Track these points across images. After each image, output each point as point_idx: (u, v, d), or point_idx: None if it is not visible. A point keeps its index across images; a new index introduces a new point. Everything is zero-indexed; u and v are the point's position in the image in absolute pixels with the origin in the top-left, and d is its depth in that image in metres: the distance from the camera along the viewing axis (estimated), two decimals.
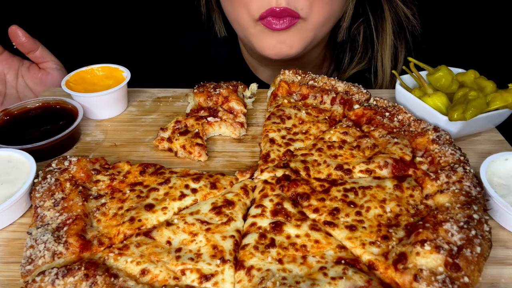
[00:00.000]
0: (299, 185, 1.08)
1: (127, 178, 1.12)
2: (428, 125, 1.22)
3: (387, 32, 1.70)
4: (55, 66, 1.63)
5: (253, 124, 1.43)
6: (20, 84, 1.61)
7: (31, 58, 1.61)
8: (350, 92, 1.42)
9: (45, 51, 1.60)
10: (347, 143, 1.22)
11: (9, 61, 1.58)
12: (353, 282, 0.83)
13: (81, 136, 1.37)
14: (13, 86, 1.61)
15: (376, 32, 1.71)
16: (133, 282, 0.85)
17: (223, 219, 1.00)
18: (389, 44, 1.71)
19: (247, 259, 0.90)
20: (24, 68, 1.61)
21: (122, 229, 0.97)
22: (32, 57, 1.60)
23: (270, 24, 1.49)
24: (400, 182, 1.07)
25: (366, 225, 0.97)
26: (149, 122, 1.44)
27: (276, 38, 1.54)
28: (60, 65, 1.65)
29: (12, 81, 1.60)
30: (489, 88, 1.27)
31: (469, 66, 1.39)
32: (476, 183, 1.03)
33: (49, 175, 1.08)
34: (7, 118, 1.33)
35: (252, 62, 1.95)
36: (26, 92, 1.61)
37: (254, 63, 1.94)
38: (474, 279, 0.83)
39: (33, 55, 1.59)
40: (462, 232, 0.88)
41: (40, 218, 0.99)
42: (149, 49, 2.07)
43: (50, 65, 1.62)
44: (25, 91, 1.61)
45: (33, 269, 0.88)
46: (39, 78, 1.61)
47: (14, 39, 1.52)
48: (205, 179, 1.11)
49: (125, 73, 1.48)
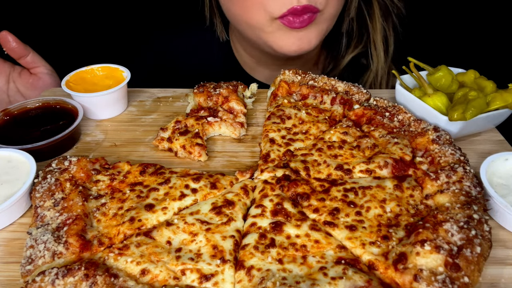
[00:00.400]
0: (299, 185, 1.08)
1: (127, 178, 1.12)
2: (428, 125, 1.22)
3: (376, 15, 1.76)
4: (46, 71, 1.64)
5: (253, 124, 1.43)
6: (11, 89, 1.62)
7: (22, 64, 1.62)
8: (350, 92, 1.42)
9: (36, 56, 1.61)
10: (347, 143, 1.22)
11: (0, 67, 1.59)
12: (353, 282, 0.83)
13: (81, 136, 1.37)
14: (4, 91, 1.62)
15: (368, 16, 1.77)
16: (133, 282, 0.85)
17: (223, 219, 1.00)
18: (379, 28, 1.77)
19: (247, 259, 0.90)
20: (15, 73, 1.63)
21: (122, 229, 0.97)
22: (23, 62, 1.61)
23: (291, 23, 1.50)
24: (400, 182, 1.07)
25: (366, 225, 0.97)
26: (149, 122, 1.44)
27: (294, 35, 1.55)
28: (51, 70, 1.66)
29: (3, 86, 1.61)
30: (489, 88, 1.27)
31: (469, 66, 1.39)
32: (476, 183, 1.03)
33: (49, 175, 1.08)
34: (7, 118, 1.33)
35: (250, 63, 1.95)
36: (17, 97, 1.62)
37: (252, 64, 1.94)
38: (474, 279, 0.83)
39: (24, 61, 1.60)
40: (462, 232, 0.88)
41: (40, 218, 0.99)
42: (147, 49, 2.07)
43: (41, 70, 1.63)
44: (16, 96, 1.62)
45: (33, 269, 0.88)
46: (30, 83, 1.62)
47: (4, 45, 1.53)
48: (205, 179, 1.11)
49: (125, 73, 1.48)
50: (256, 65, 1.93)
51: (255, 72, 1.95)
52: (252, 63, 1.94)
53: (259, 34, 1.61)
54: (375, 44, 1.79)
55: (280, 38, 1.57)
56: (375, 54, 1.80)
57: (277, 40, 1.58)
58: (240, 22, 1.66)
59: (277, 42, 1.58)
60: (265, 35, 1.59)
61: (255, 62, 1.92)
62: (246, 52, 1.91)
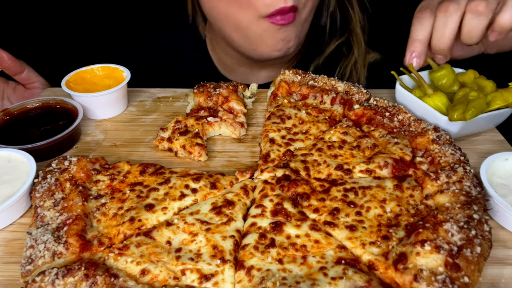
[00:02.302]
0: (299, 185, 1.07)
1: (127, 178, 1.12)
2: (428, 125, 1.22)
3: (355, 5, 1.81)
4: (41, 86, 1.65)
5: (253, 124, 1.43)
6: (5, 105, 1.63)
7: (18, 80, 1.62)
8: (350, 92, 1.42)
9: (31, 72, 1.62)
10: (347, 143, 1.22)
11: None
12: (353, 282, 0.83)
13: (81, 136, 1.37)
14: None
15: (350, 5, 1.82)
16: (133, 282, 0.85)
17: (223, 219, 1.00)
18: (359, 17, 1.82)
19: (247, 259, 0.90)
20: (10, 89, 1.64)
21: (122, 229, 0.97)
22: (18, 78, 1.62)
23: (277, 21, 1.54)
24: (400, 182, 1.07)
25: (366, 225, 0.97)
26: (149, 122, 1.44)
27: (277, 37, 1.60)
28: (47, 85, 1.67)
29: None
30: (488, 88, 1.27)
31: (469, 66, 1.39)
32: (476, 183, 1.03)
33: (49, 175, 1.08)
34: (7, 118, 1.33)
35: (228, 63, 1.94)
36: None
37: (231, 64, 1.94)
38: (474, 279, 0.83)
39: (19, 77, 1.61)
40: (462, 232, 0.88)
41: (40, 218, 0.99)
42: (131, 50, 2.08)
43: (36, 85, 1.64)
44: None
45: (33, 269, 0.88)
46: (25, 99, 1.62)
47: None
48: (205, 179, 1.11)
49: (125, 73, 1.48)
50: (235, 65, 1.93)
51: (233, 72, 1.96)
52: (230, 63, 1.94)
53: (248, 34, 1.63)
54: (355, 33, 1.84)
55: (265, 40, 1.61)
56: (356, 41, 1.85)
57: (263, 43, 1.62)
58: (225, 21, 1.66)
59: (263, 45, 1.63)
60: (252, 36, 1.62)
61: (234, 63, 1.93)
62: (224, 52, 1.91)
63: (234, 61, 1.91)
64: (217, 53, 1.97)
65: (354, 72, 1.88)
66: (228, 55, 1.91)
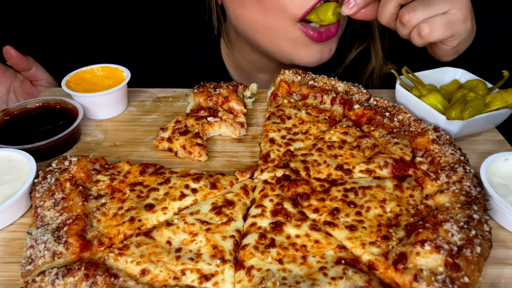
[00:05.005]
0: (299, 185, 1.07)
1: (127, 178, 1.12)
2: (428, 125, 1.22)
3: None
4: (47, 85, 1.65)
5: (253, 124, 1.43)
6: (11, 99, 1.64)
7: (26, 76, 1.63)
8: (350, 92, 1.42)
9: (39, 70, 1.62)
10: (347, 143, 1.22)
11: (2, 75, 1.61)
12: (353, 282, 0.83)
13: (81, 136, 1.37)
14: (4, 101, 1.64)
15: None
16: (133, 282, 0.85)
17: (223, 219, 1.00)
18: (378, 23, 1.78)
19: (247, 259, 0.90)
20: (17, 83, 1.64)
21: (122, 229, 0.97)
22: (26, 74, 1.62)
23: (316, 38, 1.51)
24: (400, 182, 1.07)
25: (366, 225, 0.97)
26: (149, 122, 1.44)
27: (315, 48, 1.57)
28: (54, 84, 1.67)
29: (3, 96, 1.62)
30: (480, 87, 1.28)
31: (469, 66, 1.39)
32: (476, 183, 1.03)
33: (49, 175, 1.08)
34: (7, 118, 1.33)
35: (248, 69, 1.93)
36: None
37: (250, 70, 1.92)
38: (474, 279, 0.83)
39: (27, 74, 1.61)
40: (462, 232, 0.88)
41: (40, 218, 0.99)
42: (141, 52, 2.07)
43: (43, 83, 1.65)
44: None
45: (33, 269, 0.88)
46: (31, 95, 1.64)
47: (8, 59, 1.54)
48: (205, 179, 1.11)
49: (125, 73, 1.48)
50: (255, 71, 1.91)
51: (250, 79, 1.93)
52: (250, 70, 1.92)
53: (278, 41, 1.59)
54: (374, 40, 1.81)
55: (300, 51, 1.58)
56: (374, 49, 1.82)
57: (298, 53, 1.59)
58: (255, 27, 1.61)
59: (298, 54, 1.59)
60: (286, 45, 1.58)
61: (254, 69, 1.90)
62: (245, 58, 1.89)
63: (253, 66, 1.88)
64: (237, 60, 1.94)
65: (369, 83, 1.85)
66: (248, 60, 1.88)
